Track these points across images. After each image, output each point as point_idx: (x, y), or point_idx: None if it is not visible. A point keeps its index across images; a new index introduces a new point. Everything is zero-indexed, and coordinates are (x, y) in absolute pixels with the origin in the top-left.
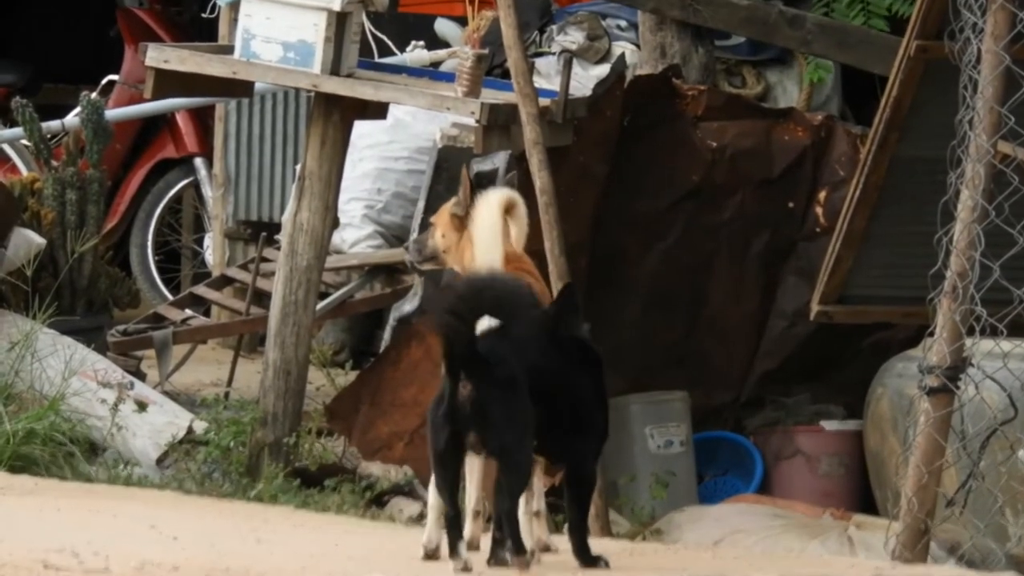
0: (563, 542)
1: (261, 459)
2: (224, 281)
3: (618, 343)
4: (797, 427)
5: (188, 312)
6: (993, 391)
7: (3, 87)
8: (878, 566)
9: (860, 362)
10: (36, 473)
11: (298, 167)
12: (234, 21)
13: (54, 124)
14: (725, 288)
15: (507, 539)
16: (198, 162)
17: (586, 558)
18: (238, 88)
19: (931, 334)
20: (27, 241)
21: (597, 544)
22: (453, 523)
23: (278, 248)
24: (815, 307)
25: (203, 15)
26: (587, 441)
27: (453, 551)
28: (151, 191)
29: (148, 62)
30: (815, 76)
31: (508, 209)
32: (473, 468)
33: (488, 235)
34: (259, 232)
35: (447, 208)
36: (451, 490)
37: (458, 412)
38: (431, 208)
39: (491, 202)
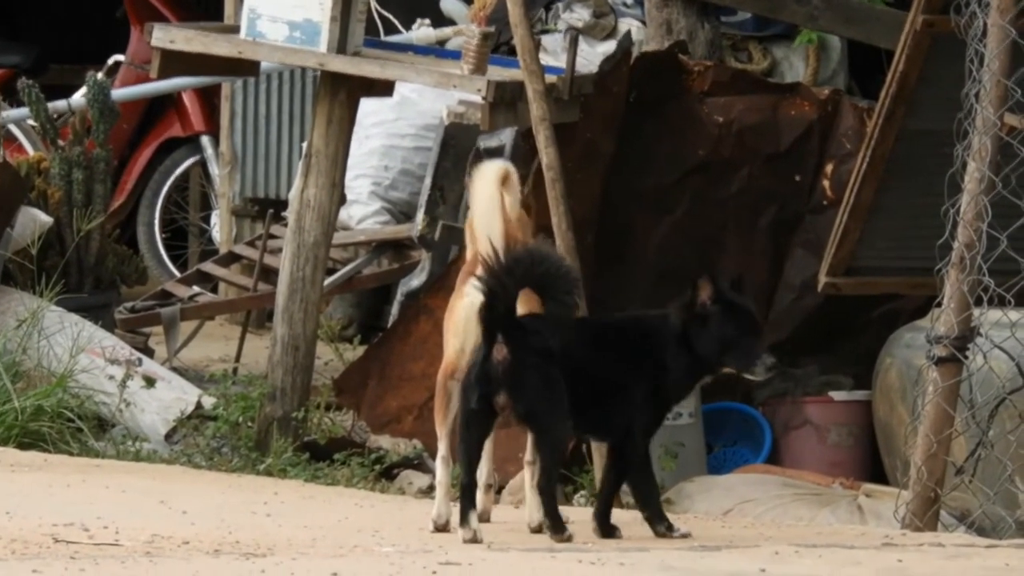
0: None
1: (270, 434)
2: (231, 258)
3: None
4: (806, 398)
5: (195, 289)
6: (1001, 360)
7: (10, 68)
8: (888, 534)
9: (868, 333)
10: (44, 450)
11: (304, 145)
12: (240, 1)
13: (60, 104)
14: (733, 261)
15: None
16: (205, 140)
17: (605, 527)
18: (244, 67)
19: (939, 304)
20: (34, 220)
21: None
22: (467, 492)
23: (285, 225)
24: (823, 279)
25: None
26: (630, 420)
27: (464, 520)
28: (158, 169)
29: (154, 42)
30: (809, 36)
31: (503, 180)
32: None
33: (486, 206)
34: (266, 209)
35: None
36: (471, 457)
37: (491, 374)
38: (437, 184)
39: (487, 175)
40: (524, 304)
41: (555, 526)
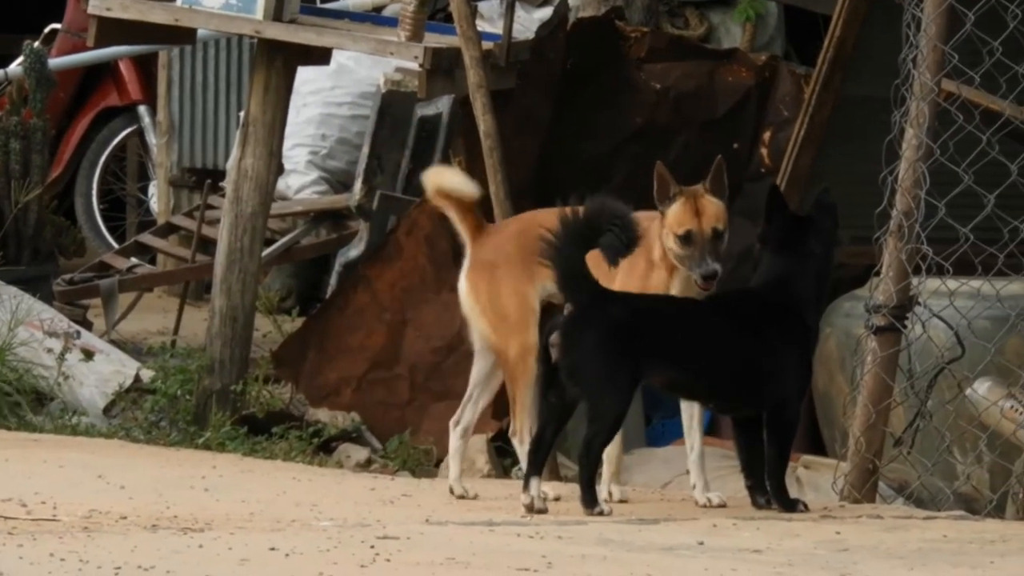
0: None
1: (208, 407)
2: (169, 229)
3: None
4: None
5: (134, 260)
6: (940, 330)
7: None
8: (826, 506)
9: None
10: None
11: (242, 114)
12: None
13: None
14: None
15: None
16: (142, 110)
17: (784, 502)
18: (181, 35)
19: (877, 273)
20: None
21: (547, 487)
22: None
23: (223, 195)
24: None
25: None
26: (775, 389)
27: (526, 486)
28: (95, 140)
29: (91, 10)
30: (748, 13)
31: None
32: None
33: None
34: (204, 179)
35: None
36: (540, 417)
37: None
38: (375, 153)
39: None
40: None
41: (586, 498)
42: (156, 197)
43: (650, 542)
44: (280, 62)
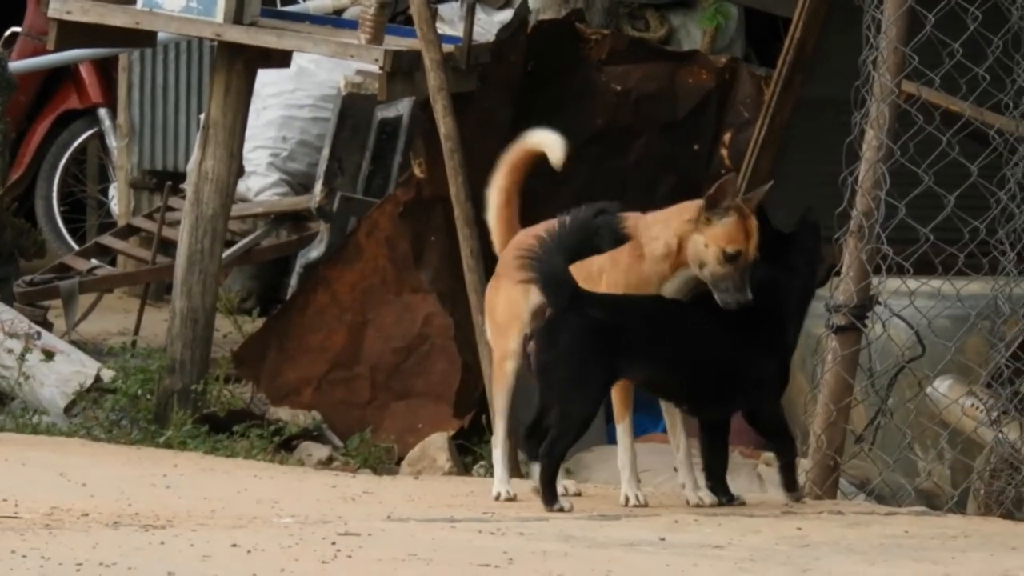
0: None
1: (169, 406)
2: (130, 231)
3: None
4: None
5: (94, 262)
6: (900, 329)
7: None
8: (788, 503)
9: None
10: None
11: (202, 116)
12: None
13: None
14: None
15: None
16: (102, 112)
17: (793, 489)
18: (141, 38)
19: (838, 273)
20: None
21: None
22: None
23: (183, 197)
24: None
25: None
26: (751, 393)
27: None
28: (55, 142)
29: (51, 13)
30: (713, 21)
31: None
32: None
33: None
34: (164, 181)
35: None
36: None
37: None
38: (335, 155)
39: None
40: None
41: (546, 496)
42: (116, 199)
43: (612, 538)
44: (240, 65)
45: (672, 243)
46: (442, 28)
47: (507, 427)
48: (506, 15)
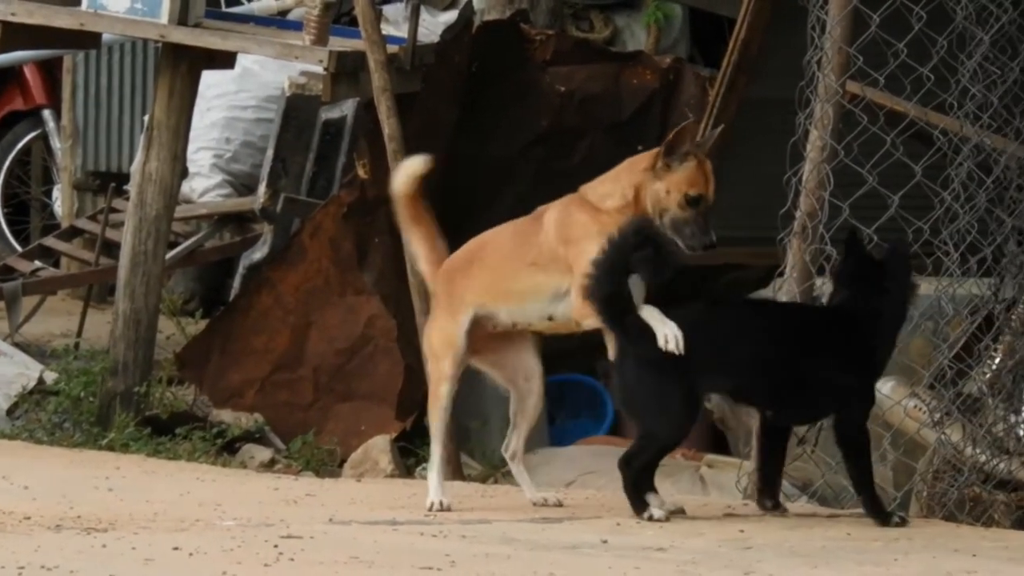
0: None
1: (112, 408)
2: (73, 232)
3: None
4: None
5: (37, 263)
6: None
7: None
8: (730, 505)
9: None
10: None
11: (146, 118)
12: None
13: None
14: None
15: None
16: (46, 114)
17: (878, 514)
18: (86, 40)
19: (781, 274)
20: None
21: (450, 487)
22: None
23: (127, 198)
24: None
25: None
26: (839, 398)
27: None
28: None
29: None
30: (656, 16)
31: None
32: None
33: None
34: (108, 183)
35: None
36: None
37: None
38: (279, 156)
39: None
40: None
41: (633, 504)
42: (60, 201)
43: (554, 541)
44: (185, 66)
45: (628, 194)
46: (387, 29)
47: (443, 451)
48: (451, 16)
